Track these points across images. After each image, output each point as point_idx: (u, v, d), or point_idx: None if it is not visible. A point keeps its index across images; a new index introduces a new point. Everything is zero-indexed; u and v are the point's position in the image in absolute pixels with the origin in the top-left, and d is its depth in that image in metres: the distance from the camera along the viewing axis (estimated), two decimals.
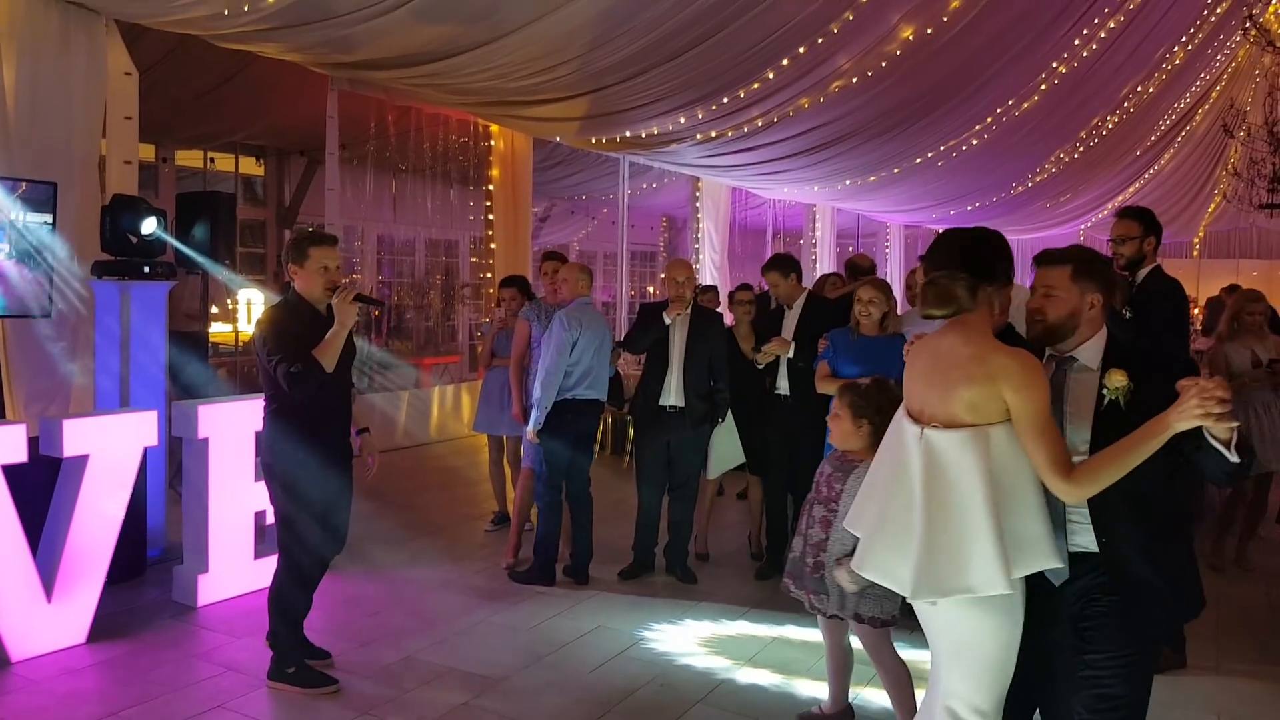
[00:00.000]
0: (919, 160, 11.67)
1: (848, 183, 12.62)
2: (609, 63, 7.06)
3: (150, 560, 5.20)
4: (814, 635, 4.28)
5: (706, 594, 4.97)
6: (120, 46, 5.92)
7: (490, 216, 9.75)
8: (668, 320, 5.05)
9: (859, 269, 6.40)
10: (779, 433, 5.13)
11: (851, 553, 2.76)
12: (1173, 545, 2.40)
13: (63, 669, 3.89)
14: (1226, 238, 21.26)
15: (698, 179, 12.56)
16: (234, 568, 4.71)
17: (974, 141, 11.25)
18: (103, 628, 4.22)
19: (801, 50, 7.55)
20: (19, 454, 3.90)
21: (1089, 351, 2.43)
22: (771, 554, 5.25)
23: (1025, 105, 10.51)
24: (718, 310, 6.10)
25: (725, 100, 8.40)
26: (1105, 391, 2.35)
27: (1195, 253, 21.37)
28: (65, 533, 4.07)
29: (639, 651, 4.21)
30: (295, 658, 3.79)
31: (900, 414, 2.53)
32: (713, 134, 9.48)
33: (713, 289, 8.10)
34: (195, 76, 7.60)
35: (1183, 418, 2.11)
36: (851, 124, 9.79)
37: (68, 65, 5.52)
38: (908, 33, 7.87)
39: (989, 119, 10.65)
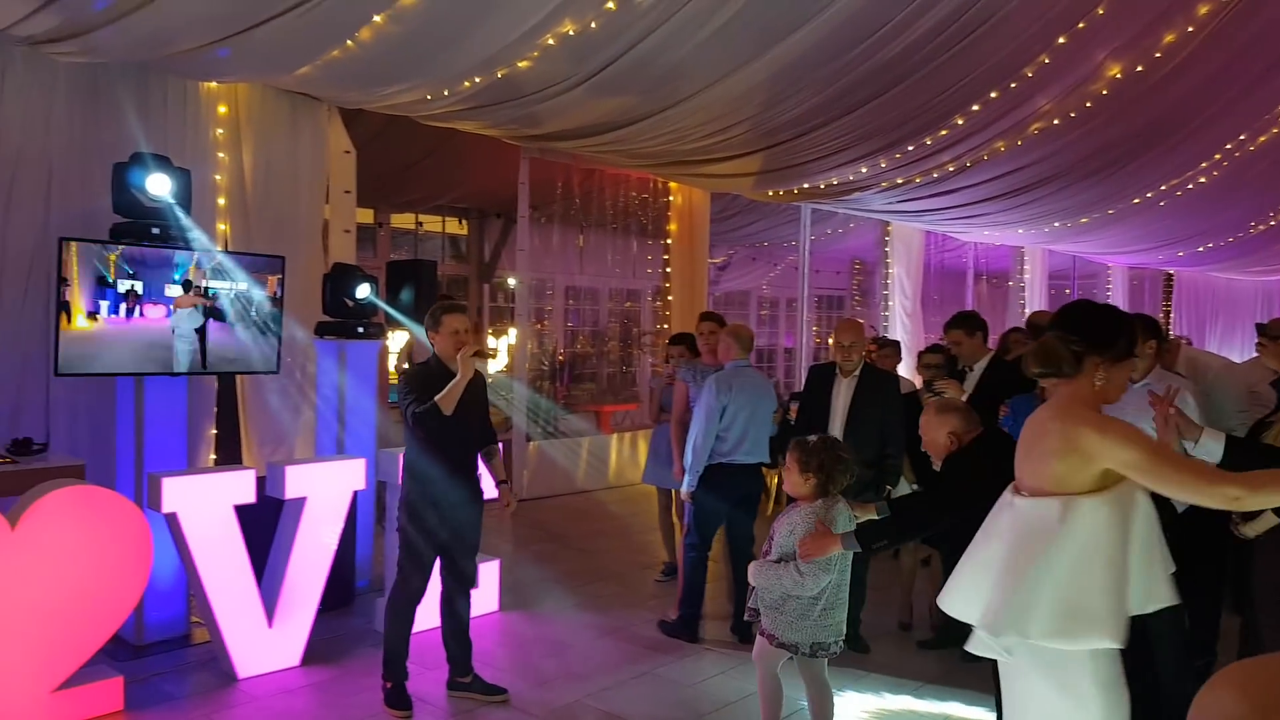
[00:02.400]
0: (1136, 201, 10.92)
1: (1056, 225, 11.97)
2: (784, 119, 7.19)
3: (358, 591, 5.74)
4: (983, 714, 4.16)
5: (878, 665, 4.86)
6: (340, 127, 6.70)
7: (668, 269, 10.10)
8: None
9: (1038, 329, 6.09)
10: None
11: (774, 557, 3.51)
12: None
13: (279, 689, 4.37)
14: None
15: (887, 222, 12.40)
16: (427, 602, 5.10)
17: (1201, 180, 10.36)
18: (314, 652, 4.70)
19: (994, 95, 7.33)
20: (249, 495, 4.46)
21: None
22: (946, 624, 5.06)
23: (1261, 139, 9.55)
24: (896, 371, 5.92)
25: (911, 148, 8.25)
26: None
27: None
28: (285, 565, 4.58)
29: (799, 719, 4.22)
30: (391, 675, 4.20)
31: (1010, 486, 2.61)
32: (899, 181, 9.33)
33: (894, 344, 7.40)
34: (405, 149, 8.40)
35: None
36: (1055, 166, 9.31)
37: (295, 147, 6.31)
38: (1115, 71, 7.46)
39: (1217, 155, 9.78)
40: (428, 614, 5.05)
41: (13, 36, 4.70)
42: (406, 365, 4.25)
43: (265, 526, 4.73)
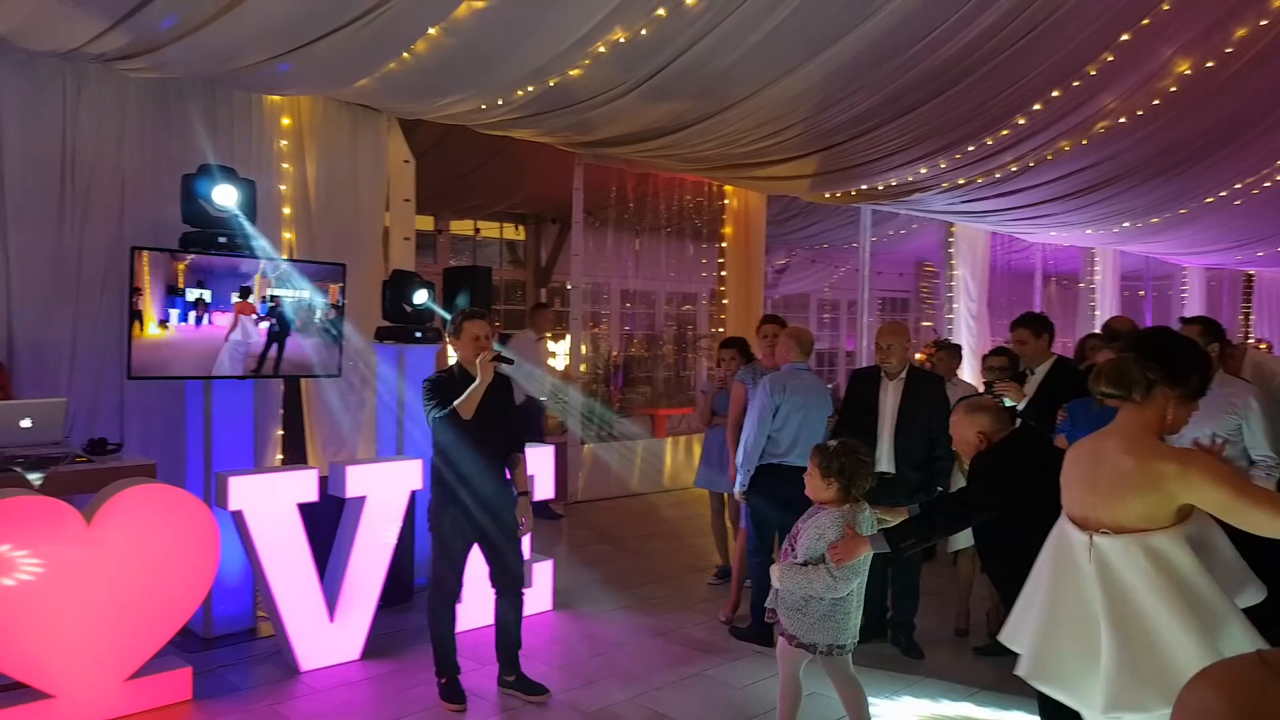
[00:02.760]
0: (1210, 200, 10.61)
1: (1125, 225, 11.72)
2: (838, 122, 7.17)
3: (417, 588, 5.85)
4: None
5: (934, 670, 4.81)
6: (400, 137, 6.88)
7: (723, 273, 10.12)
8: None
9: (1115, 334, 5.92)
10: None
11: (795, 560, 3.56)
12: None
13: (340, 681, 4.50)
14: None
15: (951, 223, 12.23)
16: (481, 600, 5.20)
17: (1278, 177, 10.06)
18: (374, 646, 4.82)
19: (1056, 94, 7.22)
20: (311, 494, 4.61)
21: None
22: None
23: None
24: (956, 374, 5.86)
25: (971, 148, 8.16)
26: None
27: None
28: (346, 562, 4.71)
29: None
30: (445, 670, 4.31)
31: (1062, 521, 2.51)
32: (960, 181, 9.23)
33: (953, 348, 7.15)
34: (464, 158, 8.57)
35: None
36: (1123, 165, 9.10)
37: (356, 157, 6.49)
38: (1184, 67, 7.26)
39: None
40: (483, 612, 5.14)
41: (86, 54, 4.94)
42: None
43: (329, 524, 4.88)
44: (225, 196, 4.93)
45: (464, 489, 4.14)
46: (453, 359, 4.36)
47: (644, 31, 5.46)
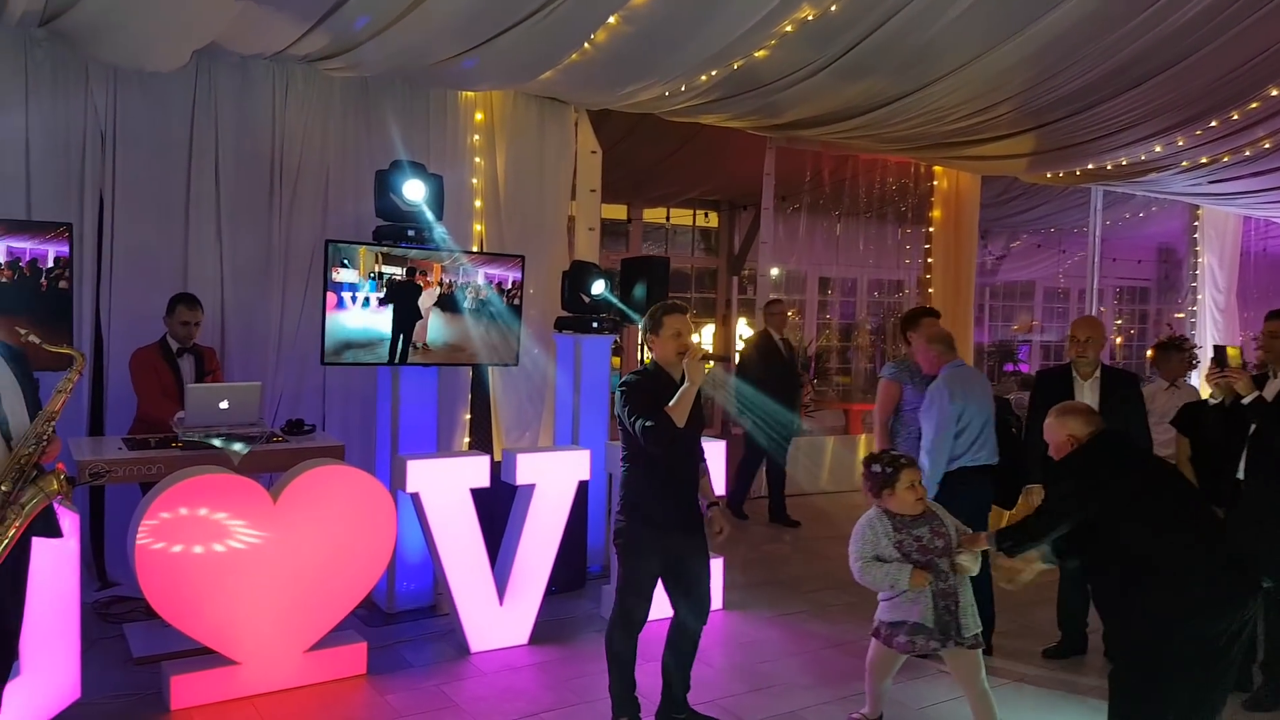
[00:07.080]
0: None
1: None
2: (1054, 97, 6.53)
3: (591, 575, 5.91)
4: None
5: None
6: (588, 128, 6.91)
7: (929, 259, 9.54)
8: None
9: None
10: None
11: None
12: None
13: (506, 665, 4.58)
14: None
15: (1197, 205, 11.04)
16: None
17: None
18: (542, 632, 4.88)
19: None
20: (484, 480, 4.71)
21: None
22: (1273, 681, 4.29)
23: None
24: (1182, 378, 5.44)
25: (1214, 124, 7.31)
26: None
27: None
28: (515, 547, 4.78)
29: None
30: (624, 709, 3.81)
31: None
32: (1203, 160, 8.30)
33: (1177, 350, 6.03)
34: (655, 146, 8.51)
35: None
36: None
37: (543, 150, 6.59)
38: None
39: None
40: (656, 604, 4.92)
41: (292, 55, 5.27)
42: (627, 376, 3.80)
43: (499, 509, 4.97)
44: (414, 191, 5.11)
45: (662, 506, 3.70)
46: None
47: (834, 8, 5.16)
